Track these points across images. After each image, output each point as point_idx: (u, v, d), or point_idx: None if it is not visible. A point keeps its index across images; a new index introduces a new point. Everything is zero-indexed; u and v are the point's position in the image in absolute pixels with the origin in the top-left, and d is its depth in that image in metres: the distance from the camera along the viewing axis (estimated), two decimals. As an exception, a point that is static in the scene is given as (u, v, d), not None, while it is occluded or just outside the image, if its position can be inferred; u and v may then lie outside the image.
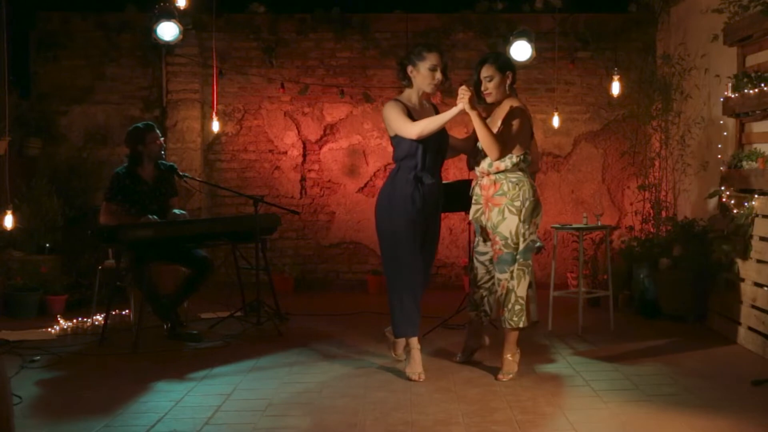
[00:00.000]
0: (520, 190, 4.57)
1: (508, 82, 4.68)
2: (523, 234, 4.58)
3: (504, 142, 4.52)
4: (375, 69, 8.16)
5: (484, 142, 4.51)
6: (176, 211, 5.92)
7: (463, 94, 4.43)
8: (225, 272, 7.03)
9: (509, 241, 4.58)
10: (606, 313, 6.10)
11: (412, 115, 4.65)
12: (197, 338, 5.69)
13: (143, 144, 5.84)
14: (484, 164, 4.65)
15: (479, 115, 4.51)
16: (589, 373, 4.73)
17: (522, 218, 4.56)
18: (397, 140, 4.66)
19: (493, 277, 4.78)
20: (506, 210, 4.57)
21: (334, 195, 8.24)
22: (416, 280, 4.67)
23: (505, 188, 4.58)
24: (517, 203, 4.56)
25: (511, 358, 4.68)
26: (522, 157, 4.60)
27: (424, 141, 4.58)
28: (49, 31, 8.00)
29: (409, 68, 4.68)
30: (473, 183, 4.83)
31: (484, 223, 4.70)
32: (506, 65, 4.72)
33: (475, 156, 4.75)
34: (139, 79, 8.12)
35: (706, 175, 6.74)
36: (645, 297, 6.53)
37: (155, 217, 5.67)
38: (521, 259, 4.62)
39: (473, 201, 4.79)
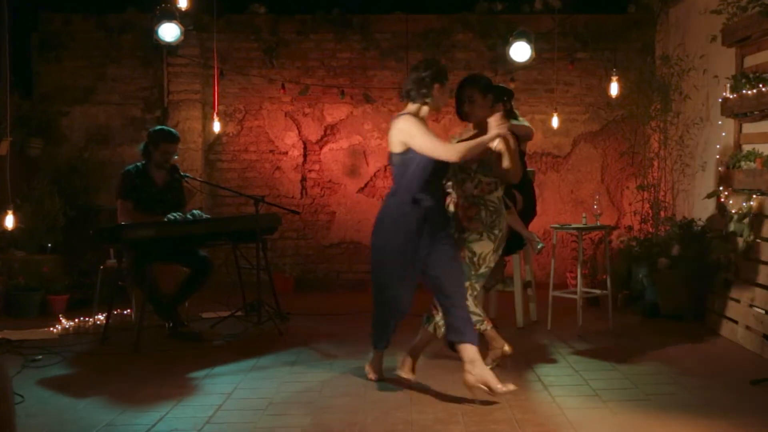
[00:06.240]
0: (497, 218, 4.51)
1: (490, 104, 4.58)
2: (489, 261, 4.50)
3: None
4: (375, 70, 8.18)
5: (515, 166, 4.45)
6: (195, 211, 5.93)
7: (501, 120, 4.23)
8: (226, 272, 7.04)
9: (475, 259, 4.48)
10: (605, 313, 6.11)
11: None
12: (198, 338, 5.72)
13: (155, 148, 5.85)
14: (470, 186, 4.52)
15: (514, 140, 4.49)
16: (589, 373, 4.75)
17: (495, 247, 4.51)
18: (406, 159, 4.29)
19: None
20: (485, 235, 4.48)
21: (335, 195, 8.26)
22: (397, 308, 4.46)
23: (483, 215, 4.50)
24: (496, 231, 4.50)
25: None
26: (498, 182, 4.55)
27: (435, 162, 4.27)
28: (50, 31, 8.03)
29: (437, 85, 4.34)
30: (447, 200, 4.62)
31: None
32: (488, 88, 4.58)
33: (456, 175, 4.57)
34: (141, 80, 8.14)
35: (704, 175, 6.76)
36: (644, 297, 6.55)
37: (177, 215, 5.68)
38: (474, 281, 4.50)
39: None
